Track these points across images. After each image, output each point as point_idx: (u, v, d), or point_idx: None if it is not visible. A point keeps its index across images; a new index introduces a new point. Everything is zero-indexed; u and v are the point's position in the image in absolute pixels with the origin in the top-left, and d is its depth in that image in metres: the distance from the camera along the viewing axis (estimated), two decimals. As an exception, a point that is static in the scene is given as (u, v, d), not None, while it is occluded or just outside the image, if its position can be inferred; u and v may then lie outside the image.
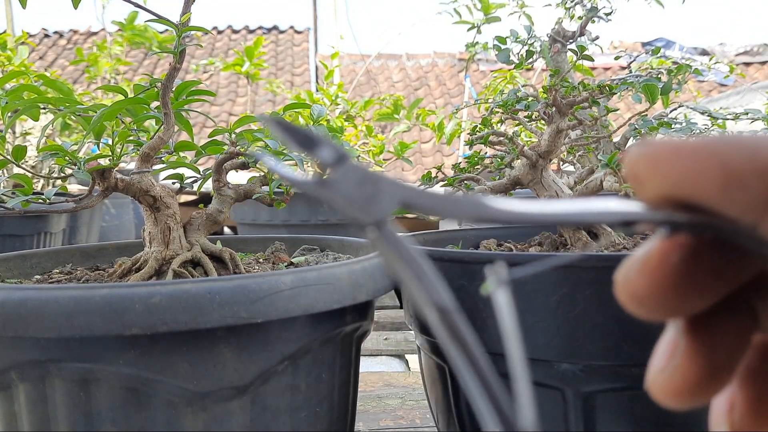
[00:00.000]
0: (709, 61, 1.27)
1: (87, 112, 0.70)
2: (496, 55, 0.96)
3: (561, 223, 0.21)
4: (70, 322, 0.48)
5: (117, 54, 3.08)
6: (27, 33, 2.20)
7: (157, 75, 0.77)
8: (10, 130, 1.93)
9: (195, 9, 0.68)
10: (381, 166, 2.09)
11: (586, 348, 0.58)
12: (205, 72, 4.57)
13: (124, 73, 3.28)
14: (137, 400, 0.53)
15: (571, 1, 1.03)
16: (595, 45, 0.97)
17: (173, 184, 0.81)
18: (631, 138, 0.90)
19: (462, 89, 6.68)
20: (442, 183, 0.90)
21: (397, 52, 8.35)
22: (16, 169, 1.73)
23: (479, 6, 2.01)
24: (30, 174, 0.75)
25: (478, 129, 0.91)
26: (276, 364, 0.56)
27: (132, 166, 0.77)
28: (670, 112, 0.93)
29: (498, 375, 0.17)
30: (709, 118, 0.89)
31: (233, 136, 0.76)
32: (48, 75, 0.79)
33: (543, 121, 0.86)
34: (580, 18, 1.00)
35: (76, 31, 8.14)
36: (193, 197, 3.10)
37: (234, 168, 0.78)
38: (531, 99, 0.84)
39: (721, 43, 8.30)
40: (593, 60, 0.94)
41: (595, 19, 0.96)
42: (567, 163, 1.21)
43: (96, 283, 0.54)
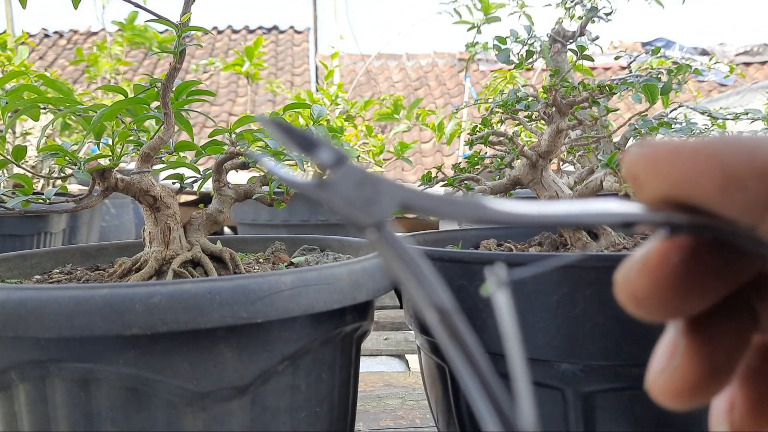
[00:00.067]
0: (709, 61, 1.27)
1: (87, 112, 0.70)
2: (496, 55, 0.96)
3: (561, 224, 0.21)
4: (70, 322, 0.48)
5: (117, 54, 3.08)
6: (27, 33, 2.20)
7: (157, 75, 0.77)
8: (10, 130, 1.93)
9: (195, 9, 0.68)
10: (381, 166, 2.09)
11: (586, 348, 0.58)
12: (205, 72, 4.57)
13: (124, 73, 3.28)
14: (137, 400, 0.53)
15: (571, 1, 1.03)
16: (595, 45, 0.97)
17: (173, 184, 0.81)
18: (631, 138, 0.90)
19: (462, 89, 6.68)
20: (442, 183, 0.90)
21: (397, 52, 8.35)
22: (16, 169, 1.73)
23: (479, 6, 2.01)
24: (30, 174, 0.75)
25: (478, 129, 0.91)
26: (276, 364, 0.56)
27: (132, 166, 0.77)
28: (670, 112, 0.93)
29: (498, 375, 0.17)
30: (709, 118, 0.89)
31: (233, 136, 0.76)
32: (48, 75, 0.79)
33: (543, 121, 0.86)
34: (580, 18, 1.00)
35: (76, 31, 8.14)
36: (193, 197, 3.10)
37: (234, 168, 0.79)
38: (531, 99, 0.84)
39: (721, 43, 8.30)
40: (593, 60, 0.94)
41: (595, 19, 0.96)
42: (567, 163, 1.21)
43: (96, 283, 0.54)
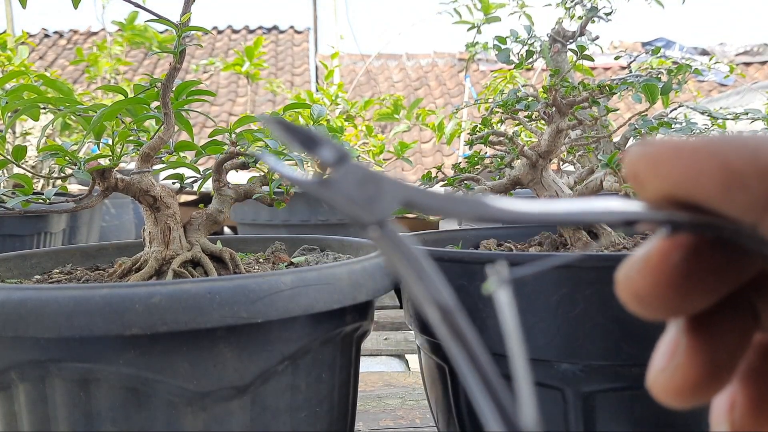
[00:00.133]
0: (709, 61, 1.27)
1: (87, 112, 0.70)
2: (496, 55, 0.96)
3: (562, 222, 0.21)
4: (70, 322, 0.48)
5: (117, 54, 3.08)
6: (27, 33, 2.20)
7: (157, 75, 0.77)
8: (10, 130, 1.93)
9: (195, 9, 0.68)
10: (381, 166, 2.09)
11: (586, 348, 0.58)
12: (205, 72, 4.57)
13: (124, 73, 3.28)
14: (137, 400, 0.53)
15: (571, 1, 1.03)
16: (595, 45, 0.97)
17: (173, 184, 0.81)
18: (631, 138, 0.90)
19: (462, 89, 6.68)
20: (442, 183, 0.90)
21: (397, 52, 8.36)
22: (16, 169, 1.73)
23: (479, 6, 2.01)
24: (30, 174, 0.75)
25: (478, 129, 0.91)
26: (276, 364, 0.56)
27: (132, 166, 0.77)
28: (670, 112, 0.93)
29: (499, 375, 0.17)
30: (709, 118, 0.89)
31: (233, 136, 0.76)
32: (48, 75, 0.79)
33: (543, 121, 0.86)
34: (580, 18, 1.00)
35: (76, 31, 8.14)
36: (193, 197, 3.10)
37: (234, 168, 0.78)
38: (531, 99, 0.84)
39: (721, 43, 8.30)
40: (593, 60, 0.94)
41: (595, 19, 0.96)
42: (567, 163, 1.21)
43: (96, 283, 0.54)
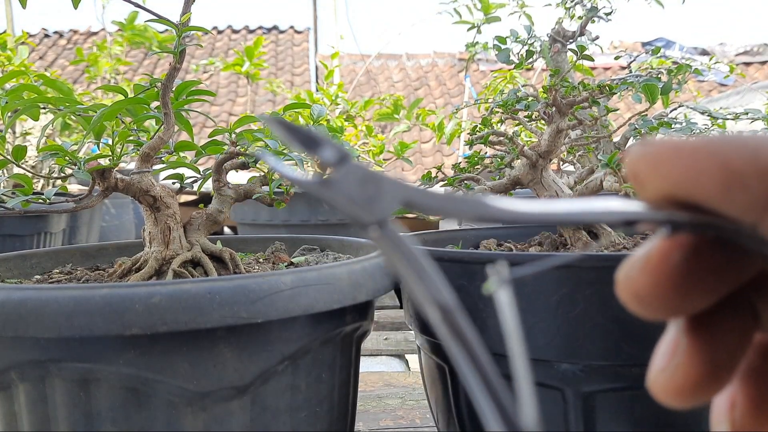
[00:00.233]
0: (709, 61, 1.27)
1: (87, 112, 0.70)
2: (496, 55, 0.96)
3: (562, 222, 0.21)
4: (70, 322, 0.48)
5: (117, 54, 3.08)
6: (27, 33, 2.20)
7: (157, 75, 0.77)
8: (10, 130, 1.93)
9: (195, 9, 0.68)
10: (381, 166, 2.09)
11: (586, 348, 0.58)
12: (205, 72, 4.57)
13: (124, 73, 3.28)
14: (137, 400, 0.53)
15: (571, 1, 1.03)
16: (595, 45, 0.97)
17: (173, 184, 0.81)
18: (631, 138, 0.90)
19: (462, 89, 6.68)
20: (442, 183, 0.90)
21: (397, 52, 8.36)
22: (16, 169, 1.73)
23: (479, 6, 2.01)
24: (30, 174, 0.75)
25: (478, 129, 0.91)
26: (276, 364, 0.56)
27: (132, 166, 0.77)
28: (670, 112, 0.93)
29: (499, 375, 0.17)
30: (709, 118, 0.89)
31: (233, 136, 0.76)
32: (48, 75, 0.79)
33: (543, 121, 0.86)
34: (580, 18, 1.00)
35: (76, 31, 8.14)
36: (193, 197, 3.10)
37: (234, 168, 0.78)
38: (531, 99, 0.84)
39: (721, 43, 8.30)
40: (593, 60, 0.94)
41: (595, 19, 0.96)
42: (567, 163, 1.21)
43: (96, 283, 0.54)
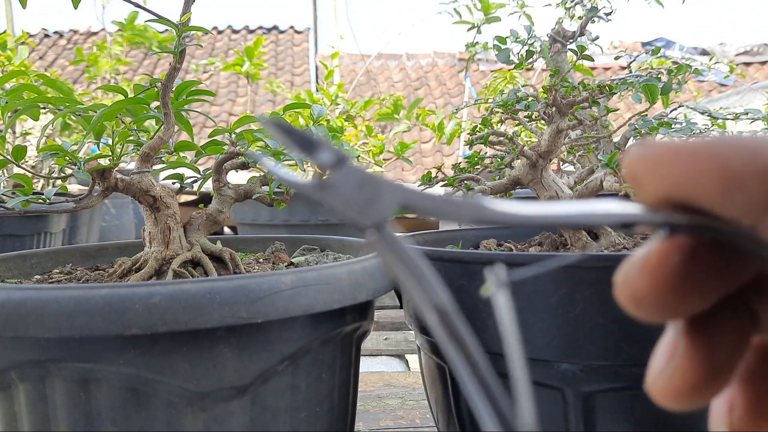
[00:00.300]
0: (709, 61, 1.27)
1: (87, 112, 0.70)
2: (496, 55, 0.96)
3: (560, 225, 0.21)
4: (70, 322, 0.48)
5: (117, 54, 3.07)
6: (27, 33, 2.20)
7: (157, 75, 0.77)
8: (10, 130, 1.93)
9: (195, 9, 0.68)
10: (381, 166, 2.09)
11: (586, 348, 0.58)
12: (205, 72, 4.57)
13: (124, 73, 3.28)
14: (137, 400, 0.53)
15: (571, 1, 1.03)
16: (595, 45, 0.97)
17: (173, 184, 0.81)
18: (631, 138, 0.90)
19: (462, 89, 6.68)
20: (442, 183, 0.90)
21: (397, 52, 8.35)
22: (16, 169, 1.73)
23: (479, 6, 2.01)
24: (30, 174, 0.75)
25: (478, 129, 0.91)
26: (276, 364, 0.56)
27: (132, 166, 0.77)
28: (670, 112, 0.93)
29: (498, 375, 0.17)
30: (709, 118, 0.89)
31: (233, 136, 0.76)
32: (48, 75, 0.79)
33: (543, 121, 0.86)
34: (580, 18, 1.00)
35: (76, 31, 8.14)
36: (193, 197, 3.11)
37: (234, 168, 0.78)
38: (531, 99, 0.84)
39: (721, 43, 8.29)
40: (593, 60, 0.94)
41: (595, 19, 0.96)
42: (567, 163, 1.21)
43: (96, 283, 0.54)
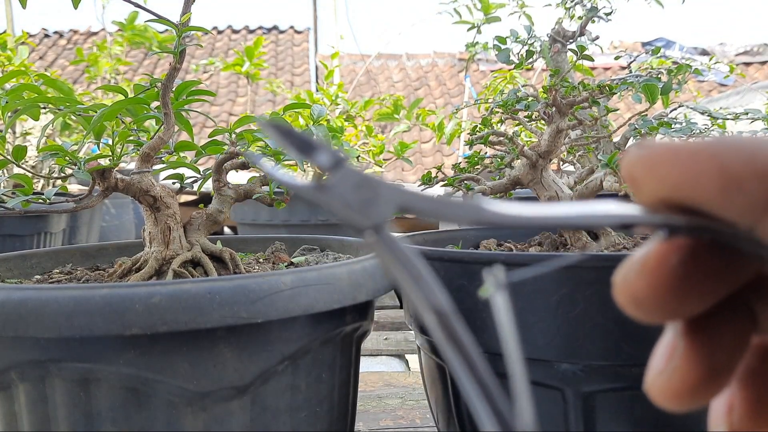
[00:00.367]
0: (709, 61, 1.27)
1: (87, 112, 0.70)
2: (496, 55, 0.96)
3: (559, 226, 0.21)
4: (70, 322, 0.48)
5: (117, 54, 3.07)
6: (27, 33, 2.19)
7: (157, 75, 0.77)
8: (10, 130, 1.93)
9: (195, 9, 0.68)
10: (381, 166, 2.09)
11: (586, 348, 0.58)
12: (205, 72, 4.57)
13: (124, 73, 3.28)
14: (137, 400, 0.53)
15: (571, 1, 1.03)
16: (595, 45, 0.97)
17: (173, 184, 0.81)
18: (631, 138, 0.90)
19: (462, 89, 6.68)
20: (442, 183, 0.90)
21: (397, 52, 8.35)
22: (16, 169, 1.73)
23: (479, 6, 2.01)
24: (30, 174, 0.75)
25: (478, 129, 0.91)
26: (276, 364, 0.56)
27: (132, 166, 0.77)
28: (670, 112, 0.93)
29: (497, 375, 0.18)
30: (709, 118, 0.89)
31: (233, 136, 0.76)
32: (48, 75, 0.79)
33: (543, 121, 0.86)
34: (580, 18, 1.00)
35: (76, 31, 8.14)
36: (193, 197, 3.11)
37: (234, 168, 0.78)
38: (531, 99, 0.84)
39: (721, 43, 8.29)
40: (593, 60, 0.94)
41: (595, 19, 0.96)
42: (567, 163, 1.21)
43: (96, 283, 0.54)
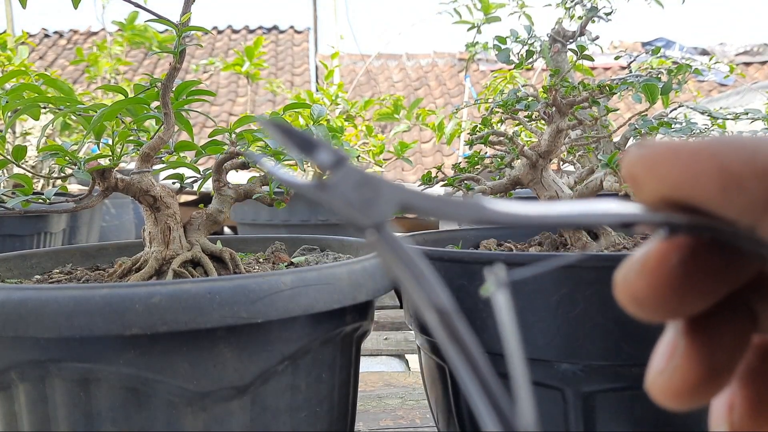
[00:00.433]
0: (709, 61, 1.27)
1: (87, 112, 0.70)
2: (496, 55, 0.96)
3: (560, 225, 0.21)
4: (70, 322, 0.48)
5: (117, 54, 3.07)
6: (27, 33, 2.19)
7: (157, 75, 0.77)
8: (10, 130, 1.93)
9: (195, 9, 0.68)
10: (381, 166, 2.09)
11: (586, 348, 0.58)
12: (205, 72, 4.57)
13: (124, 73, 3.28)
14: (137, 400, 0.53)
15: (571, 1, 1.03)
16: (595, 45, 0.97)
17: (173, 184, 0.81)
18: (631, 138, 0.90)
19: (462, 89, 6.68)
20: (442, 183, 0.90)
21: (397, 52, 8.35)
22: (16, 169, 1.73)
23: (479, 6, 2.01)
24: (30, 174, 0.75)
25: (478, 129, 0.91)
26: (276, 364, 0.56)
27: (132, 166, 0.77)
28: (670, 112, 0.93)
29: (498, 375, 0.18)
30: (709, 118, 0.89)
31: (233, 136, 0.76)
32: (48, 74, 0.79)
33: (543, 121, 0.86)
34: (580, 18, 1.00)
35: (76, 31, 8.14)
36: (193, 197, 3.10)
37: (234, 168, 0.78)
38: (531, 99, 0.84)
39: (721, 43, 8.29)
40: (593, 60, 0.94)
41: (595, 19, 0.96)
42: (567, 163, 1.21)
43: (96, 283, 0.54)
